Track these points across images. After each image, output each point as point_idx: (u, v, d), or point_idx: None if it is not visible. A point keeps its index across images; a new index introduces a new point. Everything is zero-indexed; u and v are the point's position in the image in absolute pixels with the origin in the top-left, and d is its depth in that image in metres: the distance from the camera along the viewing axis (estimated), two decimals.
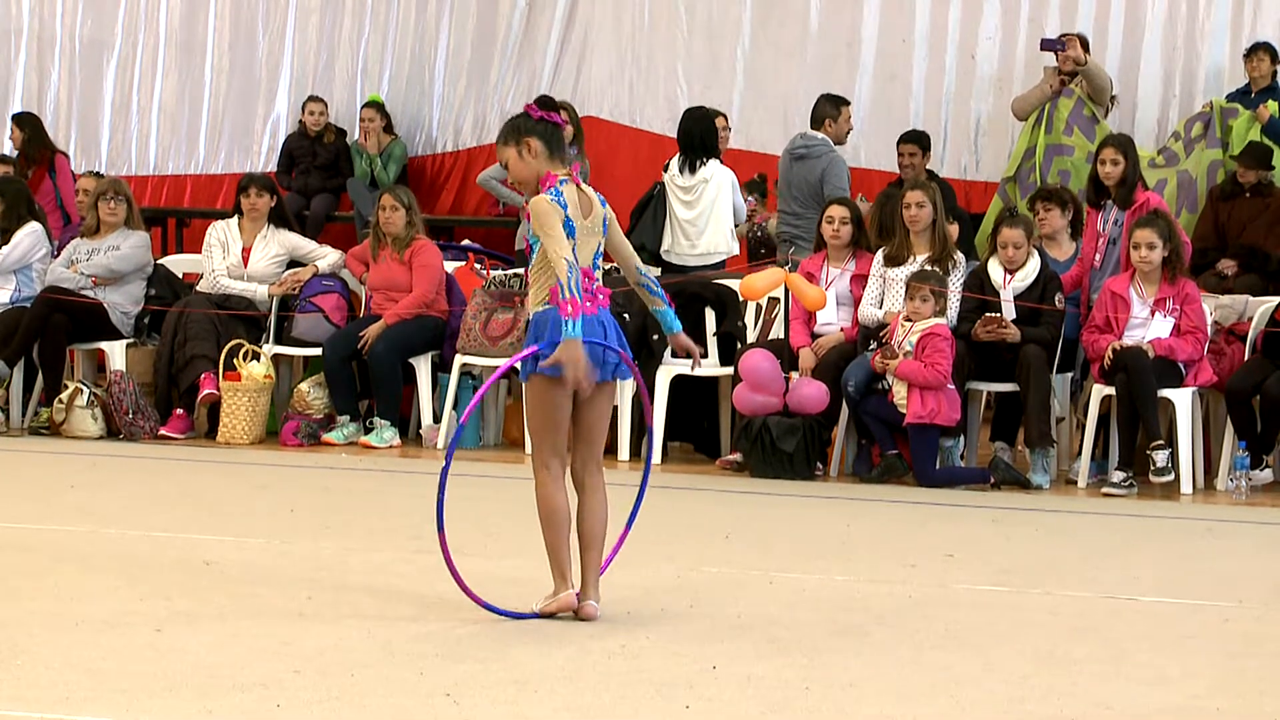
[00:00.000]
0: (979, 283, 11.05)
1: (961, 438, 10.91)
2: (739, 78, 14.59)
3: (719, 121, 12.69)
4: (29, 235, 12.58)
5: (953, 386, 10.58)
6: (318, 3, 15.90)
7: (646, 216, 12.27)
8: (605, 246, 6.69)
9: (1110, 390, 10.66)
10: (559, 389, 6.53)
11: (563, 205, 6.47)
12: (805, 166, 12.40)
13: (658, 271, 12.20)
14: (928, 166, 13.16)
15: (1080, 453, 11.02)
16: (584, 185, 6.66)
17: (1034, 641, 6.39)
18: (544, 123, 6.57)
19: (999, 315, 10.86)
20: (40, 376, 12.30)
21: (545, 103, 6.72)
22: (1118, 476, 10.55)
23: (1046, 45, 12.90)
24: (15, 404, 12.25)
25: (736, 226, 12.47)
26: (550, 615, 6.53)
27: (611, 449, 11.55)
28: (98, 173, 14.54)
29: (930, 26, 14.13)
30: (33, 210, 12.81)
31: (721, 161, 12.34)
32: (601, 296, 6.57)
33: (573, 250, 6.43)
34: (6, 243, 12.53)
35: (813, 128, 12.54)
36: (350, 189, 14.94)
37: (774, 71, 14.51)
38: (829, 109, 12.59)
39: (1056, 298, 10.93)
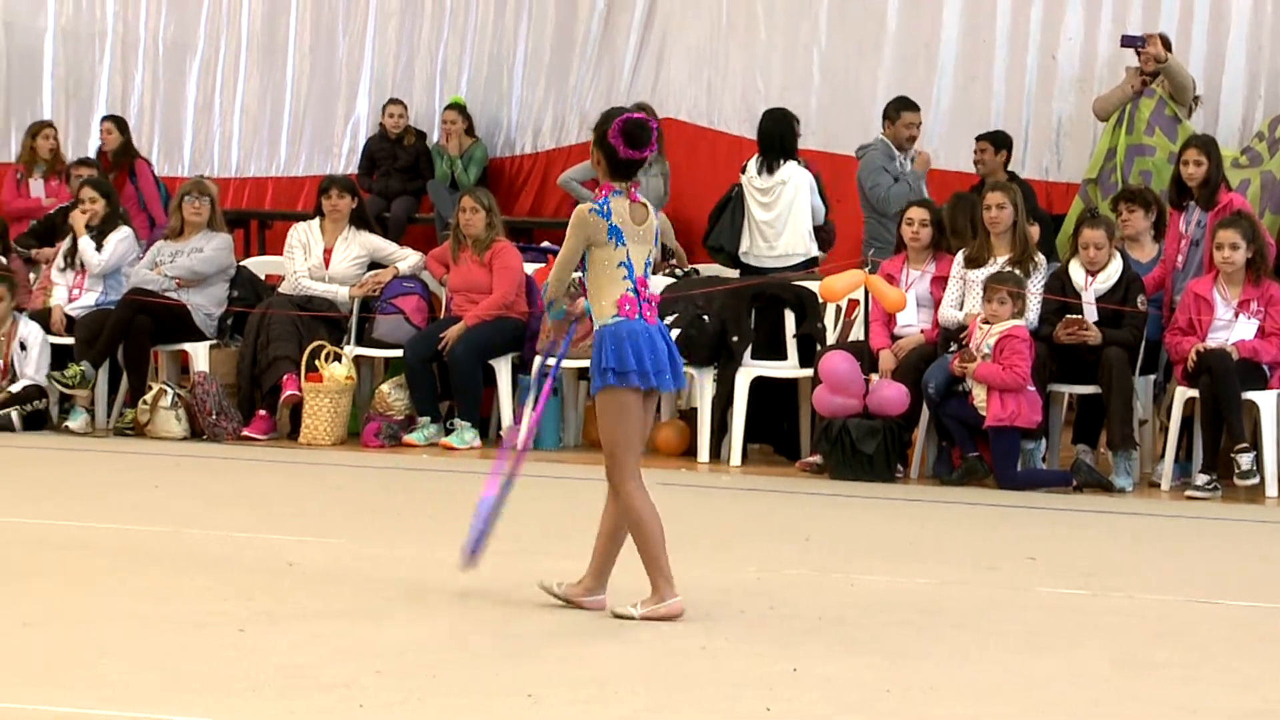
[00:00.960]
0: (1060, 284, 10.98)
1: (1043, 440, 10.85)
2: (816, 78, 14.54)
3: None
4: (124, 240, 12.70)
5: (1033, 388, 10.52)
6: (397, 5, 15.96)
7: (724, 218, 12.25)
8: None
9: (1194, 393, 10.58)
10: (641, 401, 6.59)
11: (605, 216, 6.57)
12: (860, 168, 12.53)
13: (736, 273, 12.20)
14: (1009, 168, 13.06)
15: (1163, 455, 10.94)
16: (639, 197, 6.73)
17: (1115, 645, 6.36)
18: (614, 148, 6.58)
19: (1080, 317, 10.79)
20: (125, 378, 12.41)
21: (633, 133, 6.60)
22: (1201, 479, 10.47)
23: (1126, 42, 12.80)
24: (100, 405, 12.37)
25: (815, 228, 12.45)
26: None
27: (691, 450, 11.61)
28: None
29: (1011, 27, 14.02)
30: (120, 213, 12.96)
31: (800, 162, 12.31)
32: (650, 307, 6.63)
33: (579, 269, 6.64)
34: (101, 244, 12.64)
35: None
36: (430, 191, 14.98)
37: (852, 72, 14.45)
38: (890, 111, 12.64)
39: (1139, 299, 10.85)
